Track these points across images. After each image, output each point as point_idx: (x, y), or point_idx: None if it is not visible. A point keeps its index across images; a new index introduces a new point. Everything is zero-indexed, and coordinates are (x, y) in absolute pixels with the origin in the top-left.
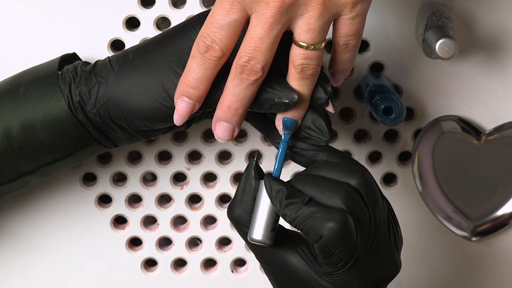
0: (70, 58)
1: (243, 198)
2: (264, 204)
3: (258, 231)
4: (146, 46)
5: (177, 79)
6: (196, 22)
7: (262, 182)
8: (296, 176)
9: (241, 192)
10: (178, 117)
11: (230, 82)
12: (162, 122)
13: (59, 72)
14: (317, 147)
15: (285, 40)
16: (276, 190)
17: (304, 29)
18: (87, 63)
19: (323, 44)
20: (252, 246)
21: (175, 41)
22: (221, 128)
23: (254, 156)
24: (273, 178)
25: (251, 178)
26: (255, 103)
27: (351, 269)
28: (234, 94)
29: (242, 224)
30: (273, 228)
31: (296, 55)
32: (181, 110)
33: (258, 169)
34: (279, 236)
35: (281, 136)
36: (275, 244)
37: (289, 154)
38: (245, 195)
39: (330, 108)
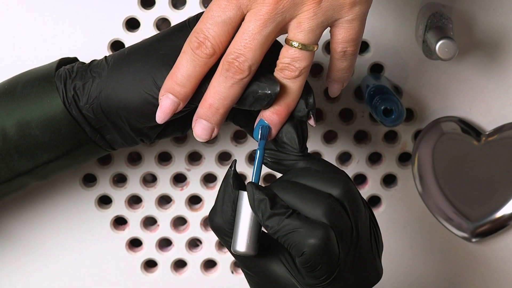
0: (71, 62)
1: (223, 208)
2: (246, 214)
3: (242, 243)
4: (142, 43)
5: (167, 72)
6: (193, 20)
7: (242, 192)
8: (277, 182)
9: (220, 202)
10: (161, 114)
11: (215, 79)
12: (152, 116)
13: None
14: (295, 157)
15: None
16: (258, 200)
17: (295, 26)
18: (84, 63)
19: (313, 48)
20: (235, 255)
21: (170, 37)
22: (200, 126)
23: (232, 165)
24: (256, 186)
25: (230, 187)
26: (240, 97)
27: (334, 281)
28: (218, 92)
29: (224, 233)
30: (258, 239)
31: (283, 53)
32: (164, 107)
33: (237, 178)
34: (261, 242)
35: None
36: (258, 251)
37: (270, 164)
38: (225, 204)
39: (311, 122)
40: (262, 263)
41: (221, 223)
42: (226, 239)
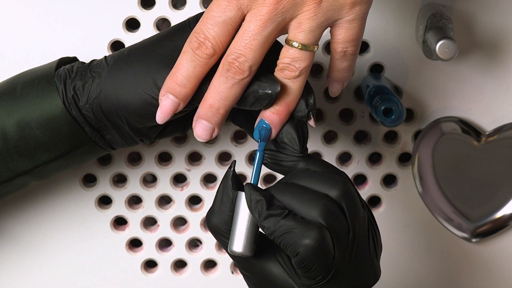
0: (70, 61)
1: (221, 208)
2: (243, 214)
3: (239, 243)
4: (142, 43)
5: (167, 73)
6: (193, 20)
7: (240, 193)
8: (276, 184)
9: (219, 202)
10: (161, 115)
11: (215, 79)
12: (152, 116)
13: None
14: (296, 157)
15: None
16: (255, 201)
17: (295, 26)
18: (84, 63)
19: (314, 48)
20: (232, 255)
21: (170, 37)
22: (200, 126)
23: (231, 166)
24: (253, 187)
25: (228, 188)
26: (240, 97)
27: (330, 282)
28: (218, 92)
29: (221, 234)
30: (255, 240)
31: (283, 53)
32: (165, 107)
33: (236, 179)
34: (259, 243)
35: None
36: (255, 251)
37: (270, 165)
38: (223, 205)
39: (311, 122)
40: (259, 263)
41: (219, 223)
42: (223, 240)
